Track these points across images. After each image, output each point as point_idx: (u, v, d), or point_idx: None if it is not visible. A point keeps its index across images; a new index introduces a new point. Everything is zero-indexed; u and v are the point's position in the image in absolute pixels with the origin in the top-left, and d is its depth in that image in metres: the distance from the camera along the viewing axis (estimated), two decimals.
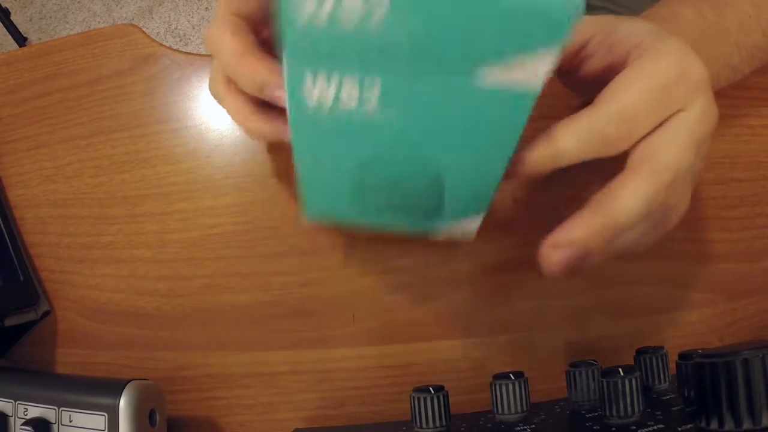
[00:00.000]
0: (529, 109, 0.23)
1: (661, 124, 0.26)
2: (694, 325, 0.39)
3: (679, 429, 0.27)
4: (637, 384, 0.28)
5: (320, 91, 0.23)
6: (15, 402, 0.34)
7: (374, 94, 0.23)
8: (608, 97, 0.26)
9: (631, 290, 0.37)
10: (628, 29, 0.28)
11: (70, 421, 0.33)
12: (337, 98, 0.23)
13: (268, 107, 0.30)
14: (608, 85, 0.26)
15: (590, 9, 0.57)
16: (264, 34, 0.30)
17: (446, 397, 0.32)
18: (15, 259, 0.40)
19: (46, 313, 0.41)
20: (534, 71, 0.21)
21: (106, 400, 0.33)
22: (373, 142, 0.26)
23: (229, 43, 0.28)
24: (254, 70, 0.28)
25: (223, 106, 0.32)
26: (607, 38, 0.28)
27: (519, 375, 0.32)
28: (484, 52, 0.21)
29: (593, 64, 0.29)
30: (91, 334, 0.41)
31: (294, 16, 0.21)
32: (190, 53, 0.42)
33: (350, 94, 0.23)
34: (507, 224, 0.37)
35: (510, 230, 0.40)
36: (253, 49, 0.28)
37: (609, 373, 0.29)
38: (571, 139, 0.26)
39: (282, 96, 0.27)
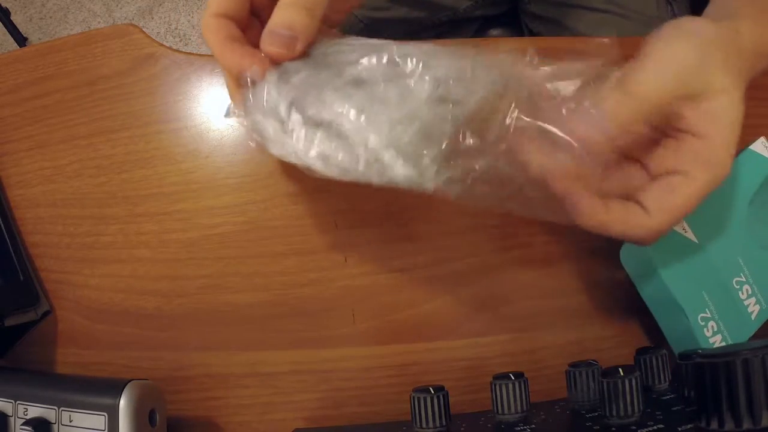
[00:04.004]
0: None
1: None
2: None
3: (679, 429, 0.27)
4: (637, 384, 0.28)
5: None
6: (15, 402, 0.34)
7: None
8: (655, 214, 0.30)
9: (631, 290, 0.37)
10: (721, 114, 0.30)
11: (70, 421, 0.33)
12: None
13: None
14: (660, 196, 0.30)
15: (595, 12, 0.57)
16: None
17: (446, 397, 0.32)
18: (15, 259, 0.40)
19: (46, 313, 0.41)
20: None
21: (106, 400, 0.33)
22: None
23: (212, 41, 0.31)
24: (231, 62, 0.31)
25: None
26: (706, 105, 0.30)
27: (519, 375, 0.32)
28: None
29: (676, 106, 0.30)
30: (91, 334, 0.40)
31: None
32: (190, 53, 0.42)
33: None
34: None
35: (510, 230, 0.40)
36: (229, 43, 0.31)
37: (609, 373, 0.29)
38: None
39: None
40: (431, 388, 0.31)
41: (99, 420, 0.33)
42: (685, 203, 0.30)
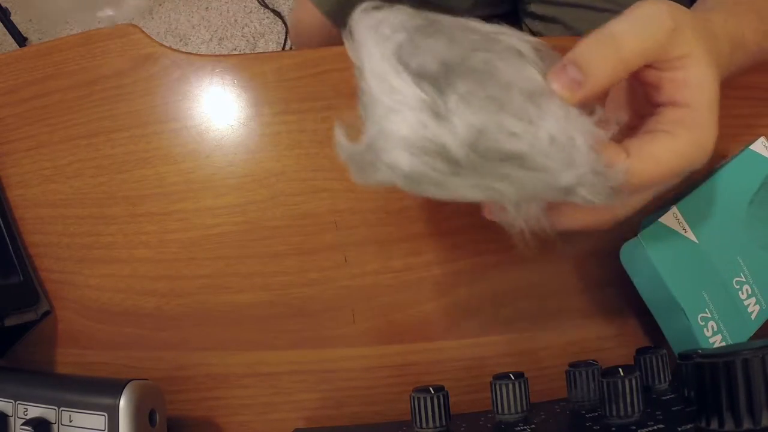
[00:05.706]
0: None
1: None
2: None
3: (679, 429, 0.27)
4: (637, 384, 0.28)
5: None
6: (15, 402, 0.34)
7: None
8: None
9: (631, 290, 0.37)
10: (699, 82, 0.28)
11: (70, 421, 0.33)
12: None
13: None
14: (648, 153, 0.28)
15: (596, 11, 0.57)
16: None
17: (446, 397, 0.32)
18: (15, 259, 0.40)
19: (46, 313, 0.41)
20: None
21: (106, 400, 0.33)
22: None
23: None
24: None
25: None
26: (683, 74, 0.28)
27: (519, 375, 0.32)
28: None
29: (652, 77, 0.29)
30: (91, 334, 0.40)
31: None
32: (190, 53, 0.42)
33: None
34: None
35: (509, 230, 0.40)
36: None
37: (609, 373, 0.29)
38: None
39: None
40: (431, 388, 0.31)
41: (99, 420, 0.33)
42: (665, 155, 0.27)
